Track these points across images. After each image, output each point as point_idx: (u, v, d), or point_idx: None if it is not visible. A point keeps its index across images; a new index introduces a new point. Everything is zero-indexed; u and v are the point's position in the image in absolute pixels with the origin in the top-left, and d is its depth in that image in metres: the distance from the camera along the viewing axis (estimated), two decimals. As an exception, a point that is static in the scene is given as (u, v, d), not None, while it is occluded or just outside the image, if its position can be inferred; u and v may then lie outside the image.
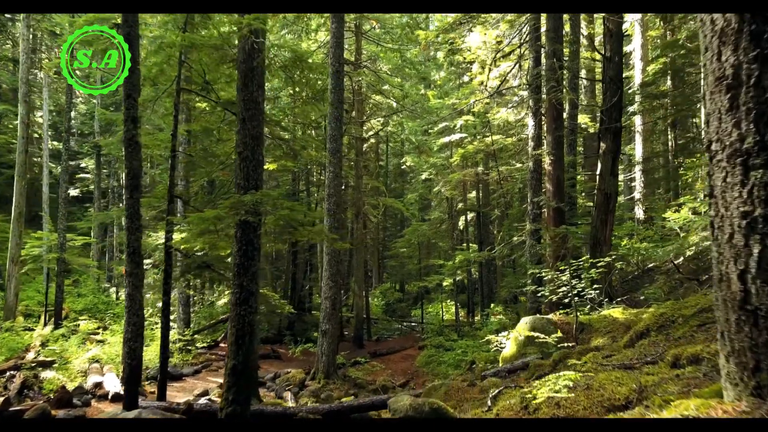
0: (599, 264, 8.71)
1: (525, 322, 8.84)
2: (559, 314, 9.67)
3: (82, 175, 30.87)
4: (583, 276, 8.79)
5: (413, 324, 26.71)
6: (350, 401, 8.23)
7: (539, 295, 10.57)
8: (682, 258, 11.37)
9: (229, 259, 16.28)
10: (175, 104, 9.43)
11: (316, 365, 13.97)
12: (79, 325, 18.25)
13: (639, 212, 21.58)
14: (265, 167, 10.61)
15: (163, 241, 9.22)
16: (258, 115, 7.35)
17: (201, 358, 15.73)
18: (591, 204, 19.40)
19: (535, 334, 8.57)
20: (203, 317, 20.74)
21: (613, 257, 8.83)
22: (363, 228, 21.00)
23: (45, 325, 18.50)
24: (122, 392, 11.29)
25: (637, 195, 21.63)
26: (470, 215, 25.90)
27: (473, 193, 25.77)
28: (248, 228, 7.04)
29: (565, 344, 8.23)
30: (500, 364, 9.11)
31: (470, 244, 25.81)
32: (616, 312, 8.72)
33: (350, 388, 13.78)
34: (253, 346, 7.03)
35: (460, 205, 24.92)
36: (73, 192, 29.07)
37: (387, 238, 35.50)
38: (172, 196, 9.17)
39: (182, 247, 7.85)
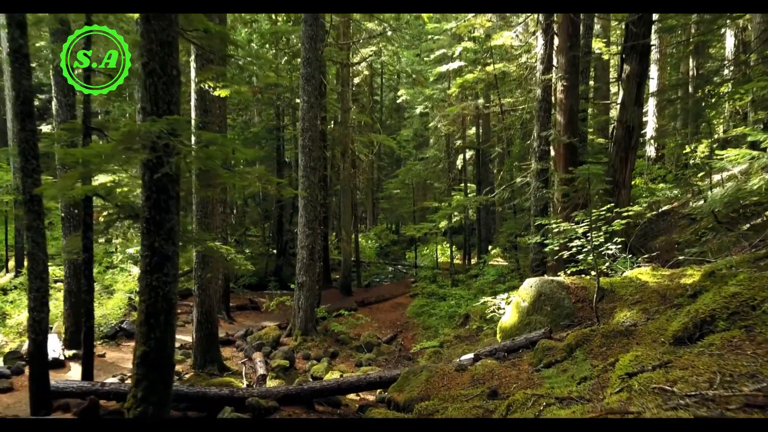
0: (626, 213, 6.78)
1: (530, 285, 7.03)
2: (570, 274, 7.87)
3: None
4: (602, 228, 6.88)
5: (407, 267, 25.23)
6: (312, 384, 6.57)
7: (545, 248, 8.70)
8: (704, 202, 9.34)
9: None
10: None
11: (292, 320, 12.38)
12: (44, 272, 16.58)
13: (650, 150, 19.48)
14: (216, 94, 8.50)
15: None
16: (169, 13, 5.19)
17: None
18: (602, 141, 17.25)
19: (542, 301, 6.81)
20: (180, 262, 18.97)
21: (644, 205, 6.87)
22: (351, 167, 18.95)
23: (7, 272, 16.92)
24: (62, 357, 9.75)
25: (650, 131, 19.42)
26: (469, 153, 23.74)
27: (472, 130, 23.52)
28: (160, 170, 5.07)
29: (582, 317, 6.46)
30: (497, 336, 7.39)
31: (468, 185, 23.84)
32: (645, 274, 6.89)
33: (330, 345, 12.26)
34: (172, 326, 5.21)
35: (459, 142, 22.70)
36: (46, 128, 26.82)
37: (384, 177, 33.44)
38: (88, 128, 7.13)
39: (70, 193, 5.91)
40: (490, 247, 25.13)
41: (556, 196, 10.62)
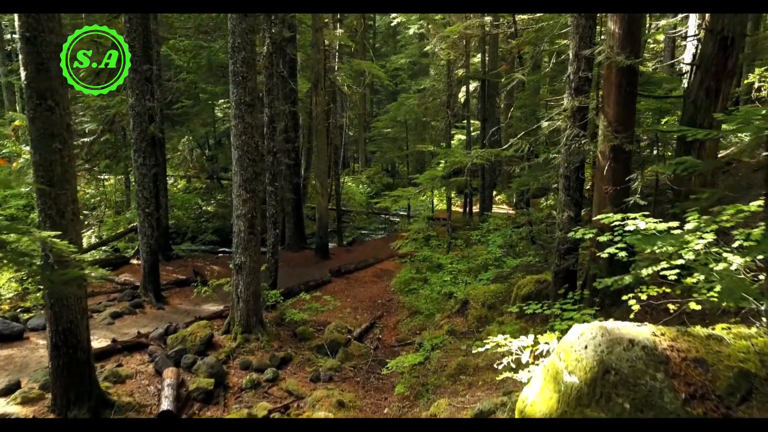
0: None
1: (583, 343, 3.47)
2: (650, 312, 4.31)
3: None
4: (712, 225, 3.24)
5: (399, 216, 21.79)
6: None
7: (604, 252, 4.93)
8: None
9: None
10: None
11: (231, 313, 9.05)
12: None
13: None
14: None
15: None
16: None
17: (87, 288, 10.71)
18: (649, 67, 13.11)
19: (611, 381, 3.30)
20: (107, 228, 15.32)
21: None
22: (327, 103, 15.01)
23: None
24: None
25: (688, 55, 15.14)
26: (473, 85, 19.60)
27: (478, 57, 19.27)
28: None
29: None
30: None
31: (472, 122, 19.87)
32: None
33: (283, 345, 9.01)
34: None
35: (461, 71, 18.49)
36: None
37: (380, 112, 29.22)
38: None
39: None
40: (494, 193, 21.58)
41: (600, 149, 6.88)
